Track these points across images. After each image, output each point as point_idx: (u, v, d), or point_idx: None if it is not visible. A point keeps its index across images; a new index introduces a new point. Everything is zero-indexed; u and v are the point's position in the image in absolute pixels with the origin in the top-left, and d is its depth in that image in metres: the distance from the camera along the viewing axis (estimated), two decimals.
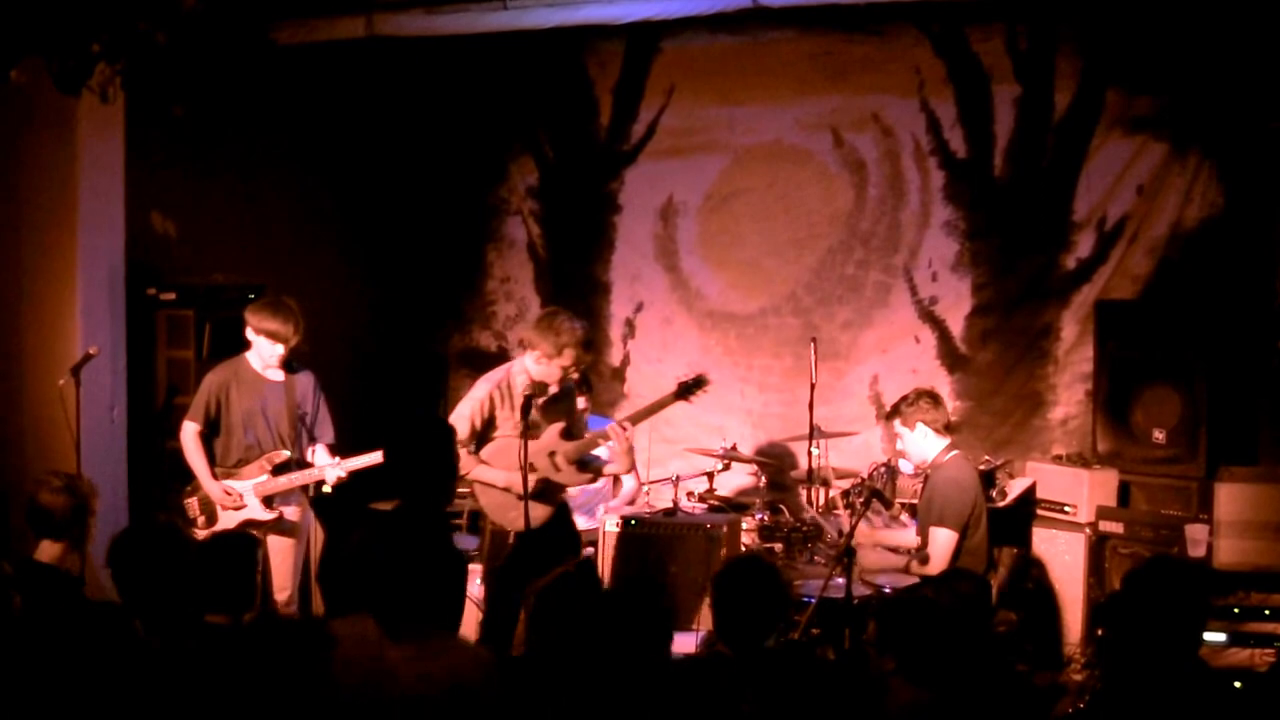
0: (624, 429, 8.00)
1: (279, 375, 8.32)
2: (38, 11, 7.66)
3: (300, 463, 8.36)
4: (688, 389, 8.22)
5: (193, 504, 8.32)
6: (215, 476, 8.26)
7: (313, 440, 8.42)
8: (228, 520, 8.16)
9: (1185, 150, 9.39)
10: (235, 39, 8.98)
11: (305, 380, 8.41)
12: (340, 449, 8.44)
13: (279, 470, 8.27)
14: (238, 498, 8.19)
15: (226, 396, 8.26)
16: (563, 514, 8.16)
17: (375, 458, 8.13)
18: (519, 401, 7.87)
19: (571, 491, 8.59)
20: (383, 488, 8.56)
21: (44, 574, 6.19)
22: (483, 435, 7.96)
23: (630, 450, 8.18)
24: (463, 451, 7.82)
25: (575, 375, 8.13)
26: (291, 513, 8.37)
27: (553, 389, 7.95)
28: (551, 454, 7.95)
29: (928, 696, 5.15)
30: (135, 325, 9.20)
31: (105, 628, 4.68)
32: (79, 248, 8.84)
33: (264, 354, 8.22)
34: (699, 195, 10.88)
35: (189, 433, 8.28)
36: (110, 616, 4.79)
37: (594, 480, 8.60)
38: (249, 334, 8.23)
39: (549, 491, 7.97)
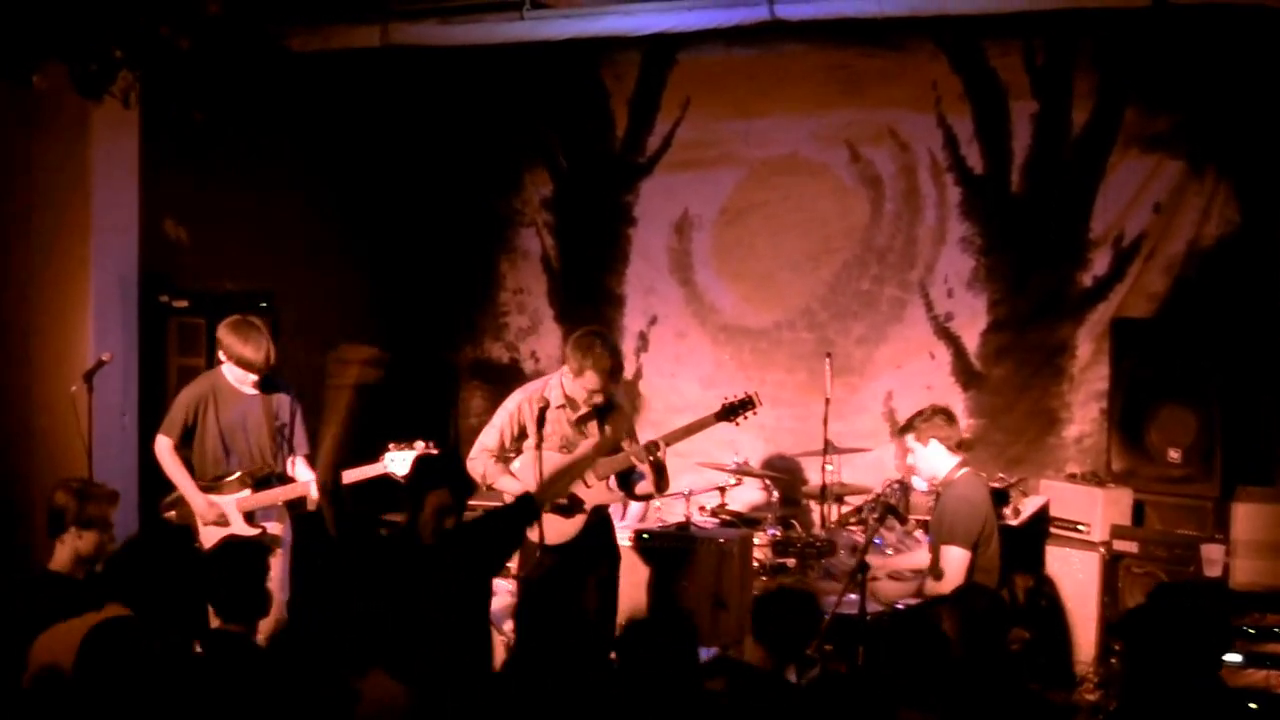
0: (657, 448, 7.78)
1: (255, 390, 8.23)
2: (61, 17, 7.67)
3: (281, 476, 8.30)
4: (732, 411, 8.03)
5: (171, 517, 8.25)
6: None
7: (291, 452, 8.35)
8: (209, 535, 8.05)
9: (1202, 169, 9.38)
10: (251, 46, 8.97)
11: (281, 392, 8.33)
12: (345, 460, 8.38)
13: (260, 485, 8.21)
14: (222, 511, 8.14)
15: (204, 411, 8.18)
16: (599, 527, 8.04)
17: (360, 473, 8.06)
18: (552, 414, 7.88)
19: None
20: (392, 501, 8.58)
21: (57, 584, 6.16)
22: (517, 447, 7.95)
23: (663, 471, 7.93)
24: (489, 459, 7.86)
25: (600, 399, 7.97)
26: (274, 528, 8.28)
27: (584, 408, 7.90)
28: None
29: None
30: (147, 332, 9.20)
31: (119, 637, 4.65)
32: (92, 254, 8.85)
33: (237, 373, 8.18)
34: (714, 208, 10.85)
35: (164, 447, 8.20)
36: (123, 626, 4.76)
37: (631, 498, 8.45)
38: (221, 355, 8.19)
39: (575, 505, 7.90)
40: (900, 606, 7.68)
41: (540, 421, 7.63)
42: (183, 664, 4.82)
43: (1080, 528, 8.72)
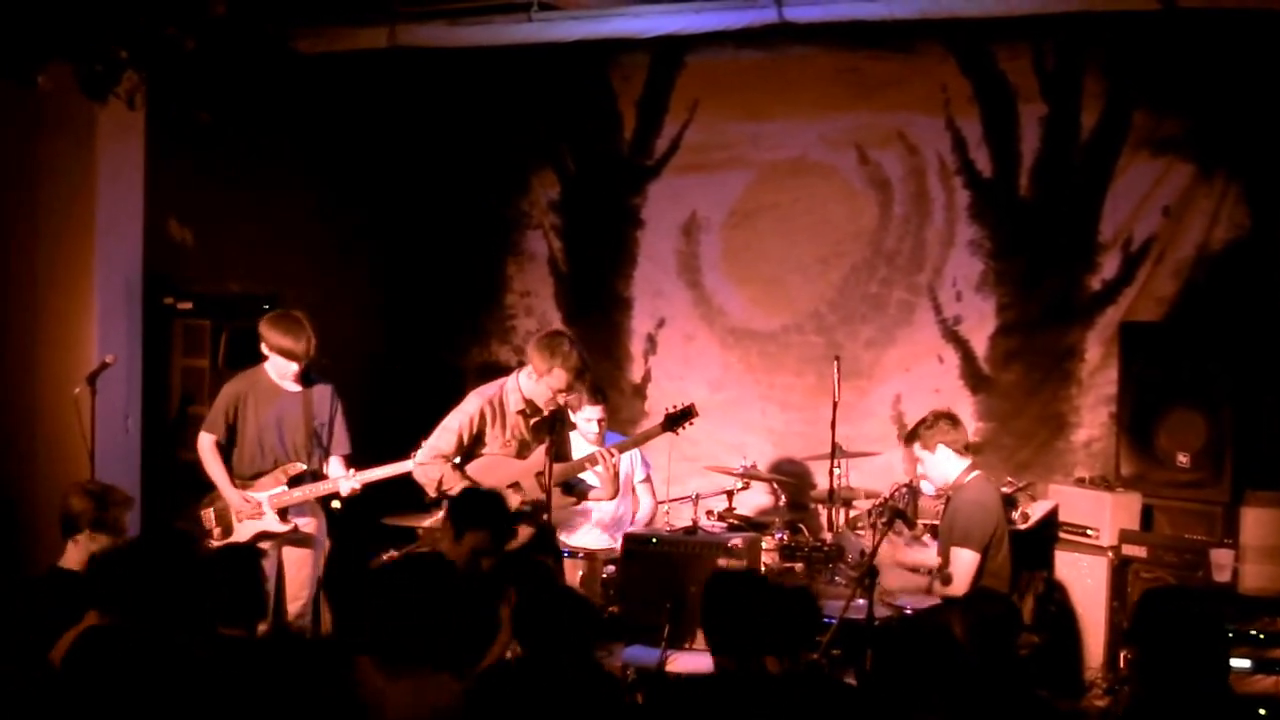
0: (610, 455, 8.05)
1: (296, 386, 8.32)
2: (66, 17, 7.67)
3: (315, 474, 8.35)
4: (674, 420, 8.31)
5: (209, 514, 8.34)
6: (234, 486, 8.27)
7: (328, 452, 8.40)
8: (244, 531, 8.19)
9: (1212, 172, 9.32)
10: (257, 47, 8.97)
11: (322, 391, 8.42)
12: (355, 461, 8.41)
13: (294, 482, 8.27)
14: (256, 506, 8.19)
15: (244, 407, 8.29)
16: (545, 535, 8.08)
17: (389, 471, 8.12)
18: (511, 419, 7.89)
19: (600, 512, 8.81)
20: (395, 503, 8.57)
21: (70, 581, 6.14)
22: (470, 450, 7.94)
23: (615, 478, 8.20)
24: (445, 466, 7.84)
25: (564, 400, 8.08)
26: (306, 524, 8.42)
27: (545, 409, 7.93)
28: (539, 475, 7.89)
29: None
30: (151, 334, 9.21)
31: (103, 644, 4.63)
32: (96, 255, 8.86)
33: (279, 368, 8.23)
34: (722, 211, 10.81)
35: (206, 443, 8.33)
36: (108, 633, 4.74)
37: (578, 503, 8.62)
38: (264, 349, 8.22)
39: (534, 512, 7.91)
40: (909, 610, 7.64)
41: (551, 426, 7.66)
42: (182, 668, 4.79)
43: (1089, 532, 8.69)
